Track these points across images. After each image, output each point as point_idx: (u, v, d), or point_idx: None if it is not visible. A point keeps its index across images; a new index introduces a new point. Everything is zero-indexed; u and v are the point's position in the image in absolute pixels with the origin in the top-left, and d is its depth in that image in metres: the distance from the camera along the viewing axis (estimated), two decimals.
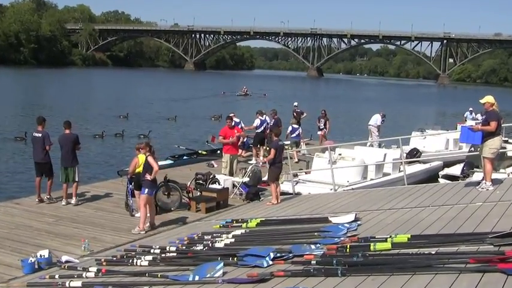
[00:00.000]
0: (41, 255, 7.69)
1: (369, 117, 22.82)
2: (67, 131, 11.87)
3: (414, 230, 7.30)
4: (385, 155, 15.41)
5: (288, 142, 19.15)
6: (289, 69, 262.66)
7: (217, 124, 31.59)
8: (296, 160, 18.12)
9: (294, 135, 19.73)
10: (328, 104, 53.78)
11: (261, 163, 16.62)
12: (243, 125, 18.48)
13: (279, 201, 11.96)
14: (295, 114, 22.63)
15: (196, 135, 28.18)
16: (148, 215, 10.13)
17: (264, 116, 18.60)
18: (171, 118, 35.82)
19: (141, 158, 10.46)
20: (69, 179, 11.78)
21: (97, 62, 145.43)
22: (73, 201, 11.80)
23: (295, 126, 19.91)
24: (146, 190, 9.96)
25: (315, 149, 17.69)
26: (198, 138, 26.31)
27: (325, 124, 22.34)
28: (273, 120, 19.29)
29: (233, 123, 15.36)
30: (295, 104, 23.38)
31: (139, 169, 10.39)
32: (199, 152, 19.16)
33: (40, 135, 11.79)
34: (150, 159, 9.99)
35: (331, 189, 12.97)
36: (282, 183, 13.37)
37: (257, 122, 18.74)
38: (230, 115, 16.29)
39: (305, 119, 24.00)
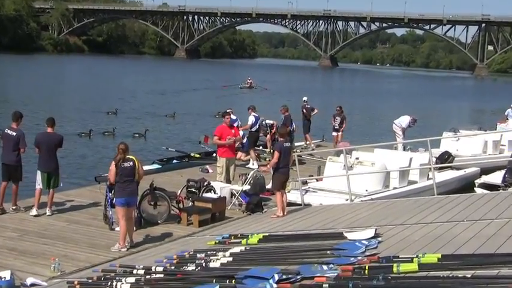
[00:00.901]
0: (1, 278, 7.65)
1: (393, 115, 22.80)
2: (49, 130, 11.85)
3: (445, 249, 7.28)
4: (410, 159, 15.38)
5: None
6: (297, 58, 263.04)
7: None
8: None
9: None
10: (343, 98, 53.83)
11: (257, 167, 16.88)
12: (239, 123, 18.51)
13: (285, 213, 11.95)
14: (304, 110, 22.66)
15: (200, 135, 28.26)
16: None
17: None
18: (168, 115, 36.25)
19: None
20: (51, 185, 11.78)
21: (71, 47, 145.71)
22: (48, 211, 11.79)
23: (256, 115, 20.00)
24: (124, 199, 9.98)
25: (327, 152, 17.68)
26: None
27: (341, 123, 22.25)
28: (283, 117, 19.36)
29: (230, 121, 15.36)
30: (305, 99, 23.42)
31: None
32: (192, 154, 19.18)
33: (15, 134, 11.74)
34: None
35: (347, 200, 12.96)
36: (288, 192, 13.35)
37: (252, 119, 18.77)
38: (228, 111, 16.26)
39: (316, 117, 24.04)
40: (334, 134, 22.39)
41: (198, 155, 19.19)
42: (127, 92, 51.62)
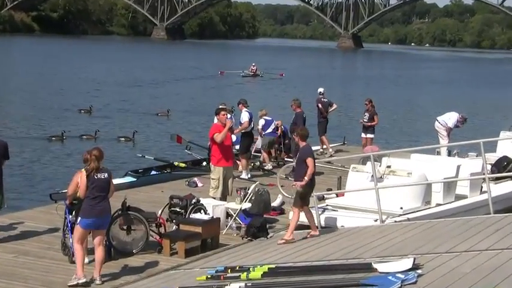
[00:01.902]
0: None
1: (435, 110, 22.78)
2: None
3: (505, 285, 7.27)
4: (458, 167, 15.36)
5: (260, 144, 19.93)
6: (310, 38, 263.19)
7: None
8: (269, 167, 18.94)
9: (269, 130, 19.91)
10: (370, 89, 53.99)
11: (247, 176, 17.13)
12: (233, 120, 18.55)
13: (316, 231, 12.03)
14: (319, 106, 22.64)
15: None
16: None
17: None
18: (161, 113, 36.72)
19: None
20: None
21: (17, 26, 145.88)
22: None
23: (268, 118, 20.07)
24: (92, 220, 10.03)
25: (350, 159, 17.66)
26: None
27: (370, 119, 22.12)
28: (294, 114, 19.35)
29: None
30: (321, 90, 23.38)
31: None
32: (175, 164, 19.19)
33: None
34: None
35: (376, 221, 12.94)
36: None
37: (246, 116, 18.81)
38: (221, 106, 16.29)
39: (334, 114, 24.04)
40: (363, 135, 22.22)
41: (183, 164, 19.18)
42: (95, 84, 51.91)
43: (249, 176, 17.87)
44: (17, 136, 27.48)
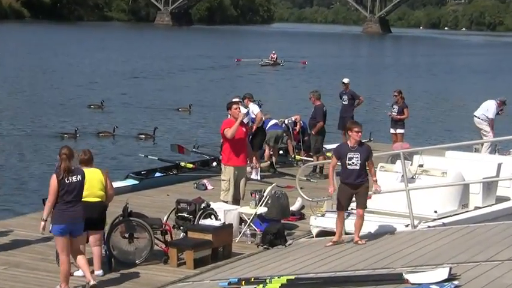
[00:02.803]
0: None
1: (473, 102, 22.69)
2: None
3: None
4: (499, 166, 15.31)
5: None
6: (332, 22, 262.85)
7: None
8: (265, 164, 19.08)
9: (271, 123, 19.95)
10: (399, 80, 53.93)
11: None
12: (258, 110, 18.58)
13: (358, 240, 12.07)
14: (344, 98, 22.57)
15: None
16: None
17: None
18: (183, 108, 36.99)
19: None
20: None
21: (5, 12, 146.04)
22: None
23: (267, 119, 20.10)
24: (64, 226, 10.10)
25: (377, 158, 17.61)
26: None
27: (401, 113, 22.04)
28: (314, 107, 19.36)
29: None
30: (346, 81, 23.27)
31: (84, 193, 10.44)
32: (182, 164, 19.21)
33: None
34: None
35: (407, 226, 12.93)
36: (322, 215, 13.38)
37: (256, 108, 18.81)
38: (235, 99, 16.31)
39: (361, 108, 23.97)
40: (392, 130, 22.15)
41: (191, 165, 19.21)
42: (94, 76, 52.15)
43: (260, 177, 17.88)
44: (11, 134, 27.90)
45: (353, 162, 12.13)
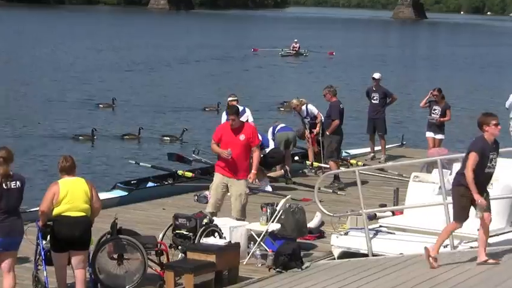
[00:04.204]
0: None
1: None
2: None
3: None
4: None
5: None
6: (357, 6, 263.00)
7: (287, 115, 32.47)
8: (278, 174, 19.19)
9: (279, 126, 20.24)
10: (437, 74, 53.74)
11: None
12: (251, 119, 18.50)
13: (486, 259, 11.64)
14: (375, 97, 22.59)
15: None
16: None
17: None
18: (210, 107, 37.61)
19: (65, 184, 10.62)
20: None
21: None
22: None
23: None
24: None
25: (410, 166, 17.63)
26: None
27: (442, 115, 22.02)
28: (330, 105, 19.46)
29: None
30: (376, 76, 23.22)
31: (66, 207, 10.51)
32: (180, 173, 19.26)
33: None
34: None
35: (446, 246, 12.91)
36: (345, 234, 13.39)
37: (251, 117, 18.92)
38: (230, 98, 16.36)
39: (393, 107, 23.94)
40: (429, 134, 22.09)
41: (189, 174, 19.26)
42: (84, 68, 52.52)
43: (271, 188, 17.95)
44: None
45: (493, 165, 11.74)
